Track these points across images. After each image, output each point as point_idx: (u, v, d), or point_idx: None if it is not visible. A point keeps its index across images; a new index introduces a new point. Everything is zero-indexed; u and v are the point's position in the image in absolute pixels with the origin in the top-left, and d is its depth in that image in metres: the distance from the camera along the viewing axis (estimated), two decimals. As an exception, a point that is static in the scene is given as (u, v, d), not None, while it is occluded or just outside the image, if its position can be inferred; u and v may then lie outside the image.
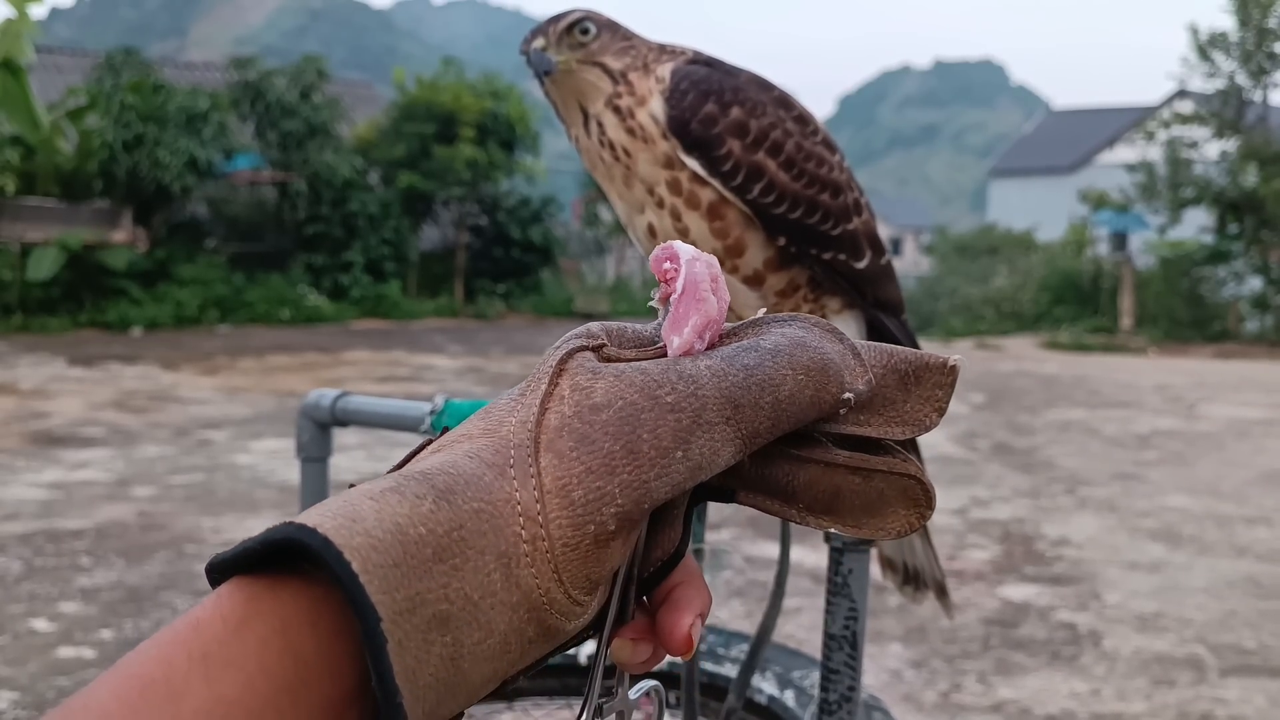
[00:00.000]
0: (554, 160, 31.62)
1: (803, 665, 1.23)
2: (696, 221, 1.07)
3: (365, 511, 0.40)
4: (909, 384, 0.51)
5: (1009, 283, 23.06)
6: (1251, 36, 19.94)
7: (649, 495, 0.44)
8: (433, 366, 12.99)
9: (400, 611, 0.38)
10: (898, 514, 0.51)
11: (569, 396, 0.46)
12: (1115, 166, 24.82)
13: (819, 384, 0.48)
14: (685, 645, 0.48)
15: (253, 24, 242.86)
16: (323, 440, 1.30)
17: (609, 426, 0.44)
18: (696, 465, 0.45)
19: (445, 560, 0.40)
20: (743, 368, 0.47)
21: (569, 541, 0.43)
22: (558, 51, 1.05)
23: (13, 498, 6.14)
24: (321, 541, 0.38)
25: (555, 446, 0.44)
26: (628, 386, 0.45)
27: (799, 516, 0.51)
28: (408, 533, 0.40)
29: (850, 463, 0.50)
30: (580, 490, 0.43)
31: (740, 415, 0.46)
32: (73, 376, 11.51)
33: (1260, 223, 19.38)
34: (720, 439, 0.46)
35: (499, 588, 0.41)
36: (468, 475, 0.43)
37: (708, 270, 0.50)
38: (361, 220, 19.79)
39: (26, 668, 3.71)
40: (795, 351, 0.48)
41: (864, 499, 0.50)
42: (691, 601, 0.49)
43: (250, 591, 0.40)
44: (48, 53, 23.48)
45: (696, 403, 0.45)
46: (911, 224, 66.42)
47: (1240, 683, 3.81)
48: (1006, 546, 5.55)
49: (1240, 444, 8.73)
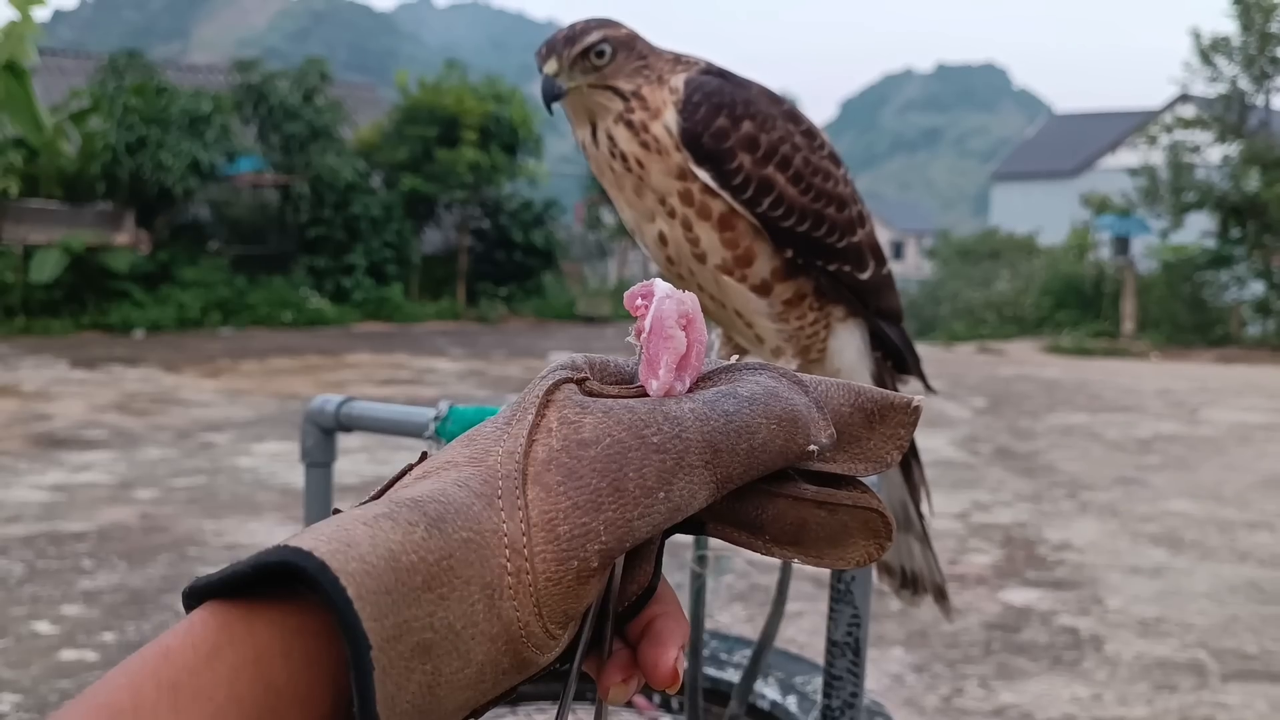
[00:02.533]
0: (556, 163, 31.64)
1: (805, 670, 1.23)
2: (707, 232, 1.08)
3: (359, 537, 0.40)
4: (874, 422, 0.52)
5: (1011, 287, 23.05)
6: (1254, 41, 19.93)
7: (632, 534, 0.45)
8: (434, 369, 12.99)
9: (388, 639, 0.38)
10: (858, 544, 0.52)
11: (557, 430, 0.46)
12: (1117, 170, 24.82)
13: (789, 434, 0.49)
14: (671, 678, 0.49)
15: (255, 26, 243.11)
16: (327, 445, 1.30)
17: (596, 463, 0.45)
18: (676, 506, 0.46)
19: (434, 589, 0.40)
20: (723, 414, 0.48)
21: (552, 576, 0.43)
22: (570, 77, 1.05)
23: (15, 500, 6.14)
24: (318, 566, 0.38)
25: (542, 479, 0.44)
26: (615, 424, 0.46)
27: (764, 548, 0.52)
28: (400, 560, 0.40)
29: (817, 498, 0.51)
30: (566, 525, 0.44)
31: (718, 460, 0.47)
32: (75, 379, 11.52)
33: (1262, 227, 19.37)
34: (698, 482, 0.46)
35: (481, 619, 0.42)
36: (458, 504, 0.43)
37: (677, 308, 0.50)
38: (364, 223, 19.81)
39: (29, 670, 3.71)
40: (770, 401, 0.49)
41: (828, 531, 0.51)
42: (673, 634, 0.50)
43: (223, 619, 0.39)
44: (51, 55, 23.52)
45: (681, 445, 0.46)
46: (913, 228, 66.40)
47: (1242, 688, 3.80)
48: (1008, 551, 5.55)
49: (1242, 449, 8.73)
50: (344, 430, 1.28)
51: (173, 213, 19.12)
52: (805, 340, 1.14)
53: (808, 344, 1.14)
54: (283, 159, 19.56)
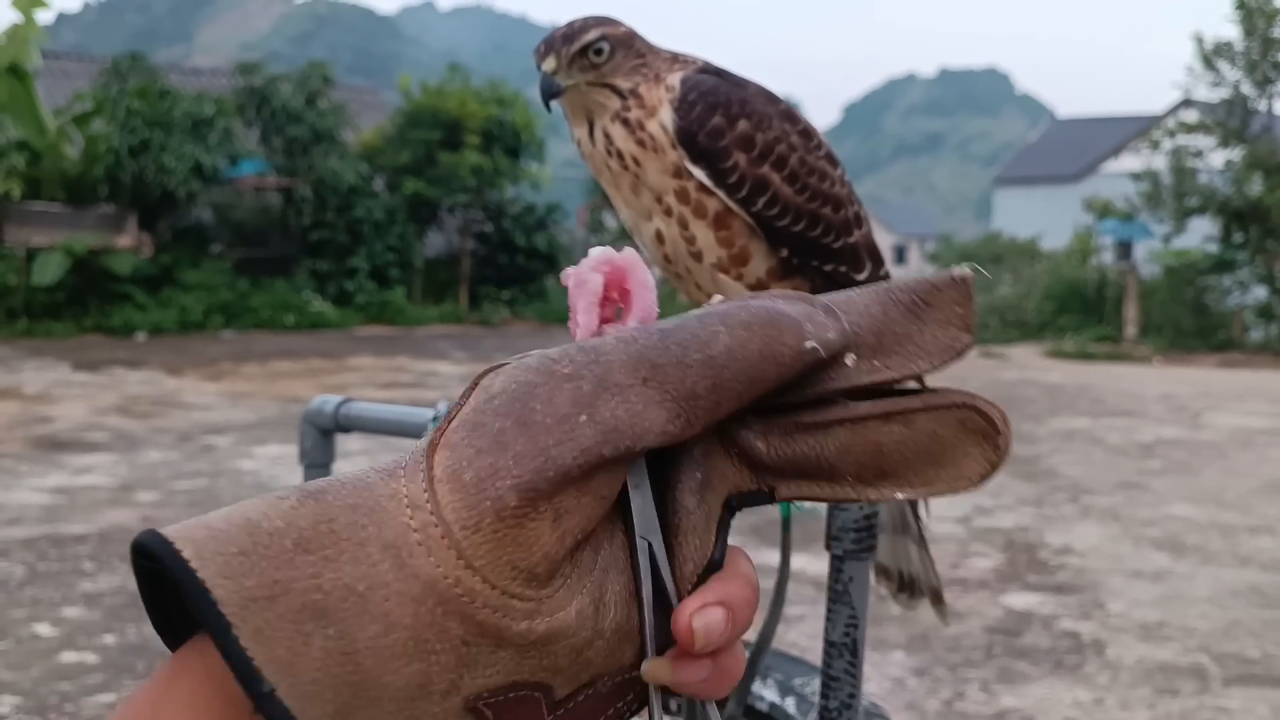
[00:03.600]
0: (559, 167, 31.66)
1: (804, 672, 1.23)
2: (703, 230, 1.08)
3: (216, 514, 0.40)
4: (920, 312, 0.45)
5: (1013, 291, 23.05)
6: (1256, 46, 19.93)
7: (552, 463, 0.41)
8: (437, 373, 13.00)
9: (254, 599, 0.37)
10: (968, 453, 0.45)
11: (472, 399, 0.44)
12: (1120, 175, 24.82)
13: (767, 336, 0.43)
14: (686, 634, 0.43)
15: (259, 30, 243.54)
16: (325, 446, 1.30)
17: (500, 408, 0.42)
18: (610, 428, 0.41)
19: (312, 551, 0.39)
20: (658, 330, 0.44)
21: (466, 523, 0.40)
22: (568, 75, 1.04)
23: (16, 502, 6.15)
24: (153, 536, 0.38)
25: (449, 442, 0.42)
26: (524, 370, 0.44)
27: (855, 492, 0.45)
28: (260, 525, 0.39)
29: (876, 410, 0.44)
30: (470, 471, 0.41)
31: (662, 375, 0.42)
32: (77, 381, 11.53)
33: (1265, 232, 19.36)
34: (640, 400, 0.42)
35: (390, 579, 0.39)
36: (347, 478, 0.42)
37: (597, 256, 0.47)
38: (366, 226, 19.83)
39: (29, 672, 3.71)
40: (731, 310, 0.44)
41: (916, 449, 0.44)
42: (709, 589, 0.44)
43: (181, 655, 0.40)
44: (54, 58, 23.56)
45: (599, 368, 0.42)
46: (916, 232, 66.46)
47: (1243, 692, 3.80)
48: (1010, 555, 5.54)
49: (1244, 453, 8.72)
50: (342, 431, 1.28)
51: (175, 215, 19.15)
52: None
53: None
54: (285, 162, 19.58)
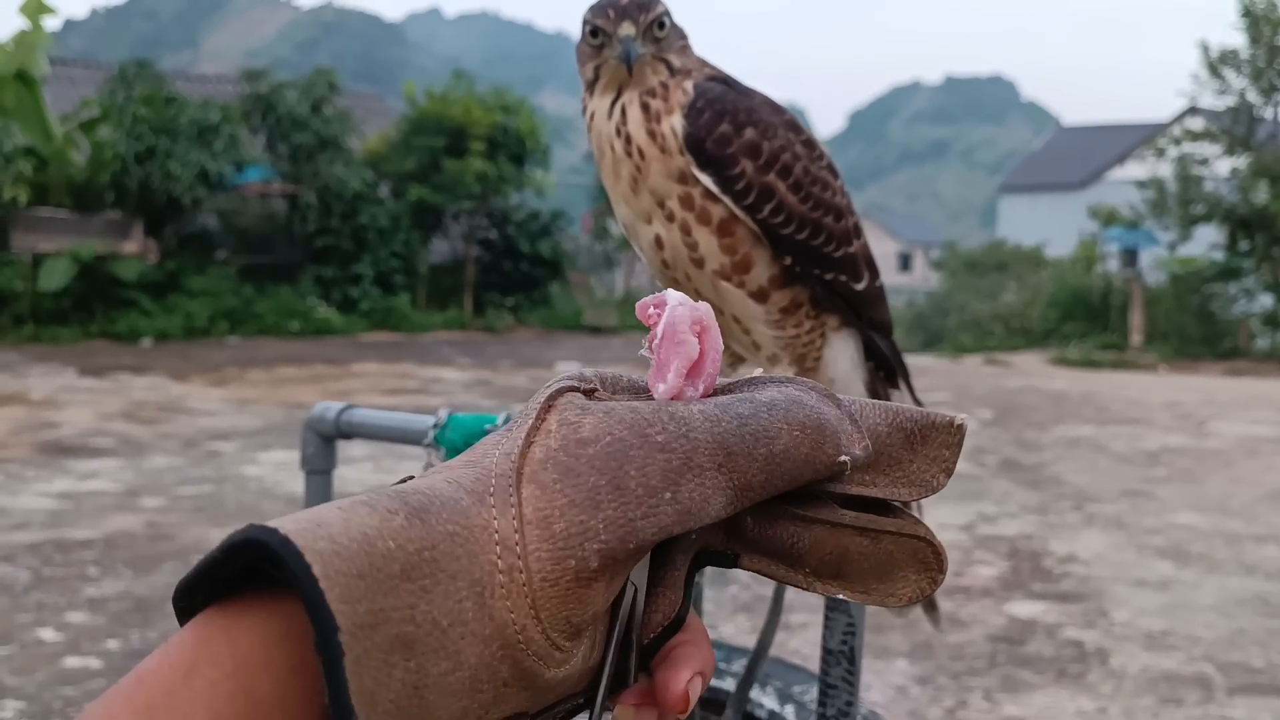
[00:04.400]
0: (564, 174, 31.71)
1: (803, 680, 1.23)
2: (706, 237, 1.08)
3: (331, 518, 0.38)
4: (915, 444, 0.49)
5: (1018, 299, 23.03)
6: (1262, 54, 19.92)
7: (635, 534, 0.42)
8: (441, 379, 13.01)
9: (361, 625, 0.36)
10: (908, 578, 0.49)
11: (556, 431, 0.44)
12: (1125, 183, 24.79)
13: (815, 442, 0.46)
14: (681, 702, 0.46)
15: (265, 37, 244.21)
16: (327, 453, 1.30)
17: (595, 461, 0.43)
18: (685, 510, 0.43)
19: (414, 580, 0.38)
20: (736, 416, 0.46)
21: (548, 576, 0.41)
22: (642, 43, 1.06)
23: (21, 507, 6.16)
24: (281, 541, 0.36)
25: (538, 478, 0.42)
26: (617, 423, 0.44)
27: (805, 582, 0.49)
28: (375, 545, 0.38)
29: (857, 523, 0.48)
30: (562, 523, 0.41)
31: (733, 463, 0.44)
32: (83, 387, 11.56)
33: (1271, 240, 19.33)
34: (711, 486, 0.44)
35: (470, 617, 0.39)
36: (444, 498, 0.41)
37: (690, 314, 0.48)
38: (371, 233, 19.86)
39: (34, 677, 3.72)
40: (791, 408, 0.47)
41: (873, 562, 0.49)
42: (690, 658, 0.47)
43: (204, 633, 0.38)
44: (61, 65, 23.65)
45: (688, 444, 0.44)
46: (921, 239, 66.46)
47: (1248, 702, 3.79)
48: (1014, 563, 5.53)
49: (1250, 462, 8.70)
50: (344, 437, 1.28)
51: (181, 222, 19.19)
52: (801, 349, 1.14)
53: (803, 352, 1.14)
54: (291, 169, 19.62)
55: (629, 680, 0.47)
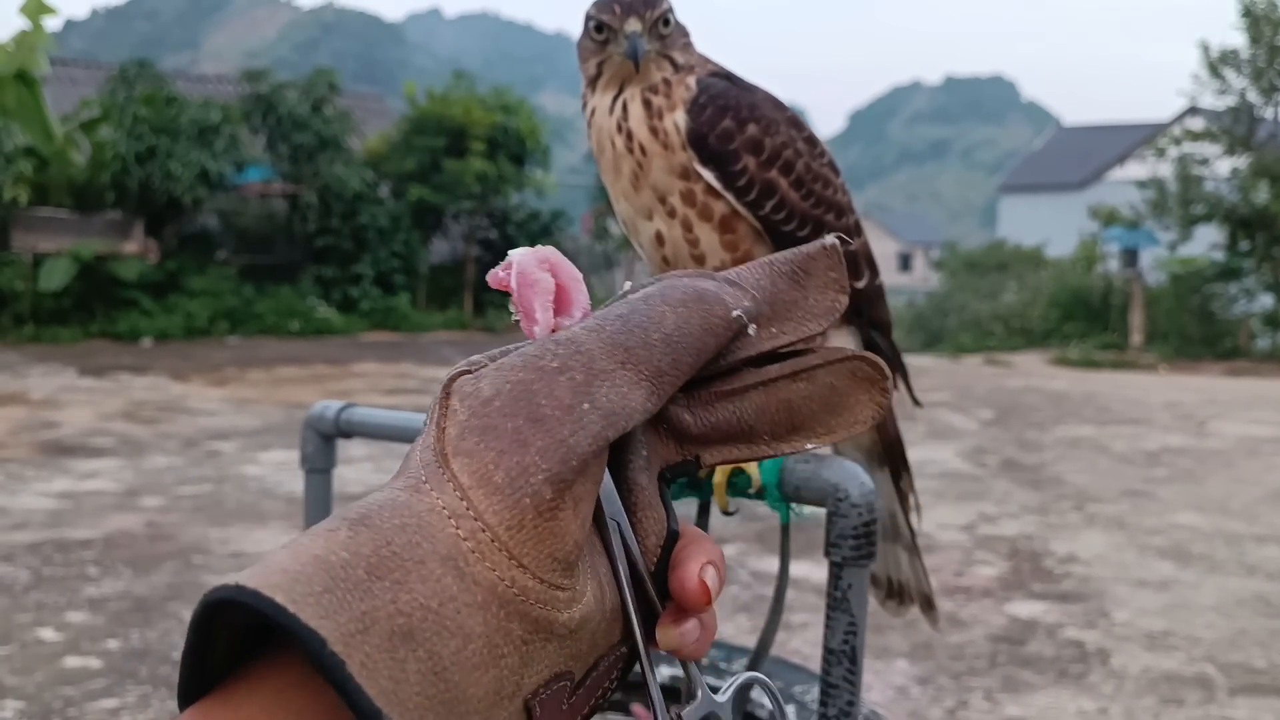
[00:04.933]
0: (564, 174, 31.70)
1: (804, 680, 1.23)
2: (708, 233, 1.08)
3: (276, 557, 0.39)
4: (800, 280, 0.51)
5: (1018, 299, 23.03)
6: (1263, 54, 19.90)
7: (572, 452, 0.43)
8: (441, 379, 12.96)
9: (351, 633, 0.37)
10: (860, 400, 0.51)
11: (460, 406, 0.45)
12: (1126, 183, 24.78)
13: (703, 311, 0.48)
14: (701, 595, 0.47)
15: (265, 37, 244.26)
16: (327, 452, 1.30)
17: (505, 409, 0.44)
18: (609, 411, 0.44)
19: (383, 577, 0.39)
20: (617, 316, 0.48)
21: (509, 523, 0.42)
22: (648, 40, 1.06)
23: (21, 507, 6.16)
24: (234, 589, 0.37)
25: (462, 449, 0.43)
26: (510, 370, 0.46)
27: (771, 448, 0.50)
28: (329, 560, 0.39)
29: (785, 371, 0.50)
30: (500, 473, 0.42)
31: (633, 357, 0.46)
32: (83, 387, 11.56)
33: (1271, 240, 19.32)
34: (624, 383, 0.45)
35: (456, 591, 0.40)
36: (381, 502, 0.42)
37: (535, 256, 0.50)
38: (371, 233, 19.85)
39: (33, 677, 3.71)
40: (667, 292, 0.49)
41: (819, 400, 0.50)
42: (693, 554, 0.48)
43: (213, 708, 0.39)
44: (62, 65, 23.65)
45: (583, 358, 0.45)
46: (921, 239, 66.46)
47: (1249, 702, 3.78)
48: (1014, 563, 5.53)
49: (1251, 462, 8.70)
50: (344, 436, 1.28)
51: (181, 222, 19.18)
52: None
53: None
54: (291, 169, 19.62)
55: (658, 611, 0.47)
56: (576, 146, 51.57)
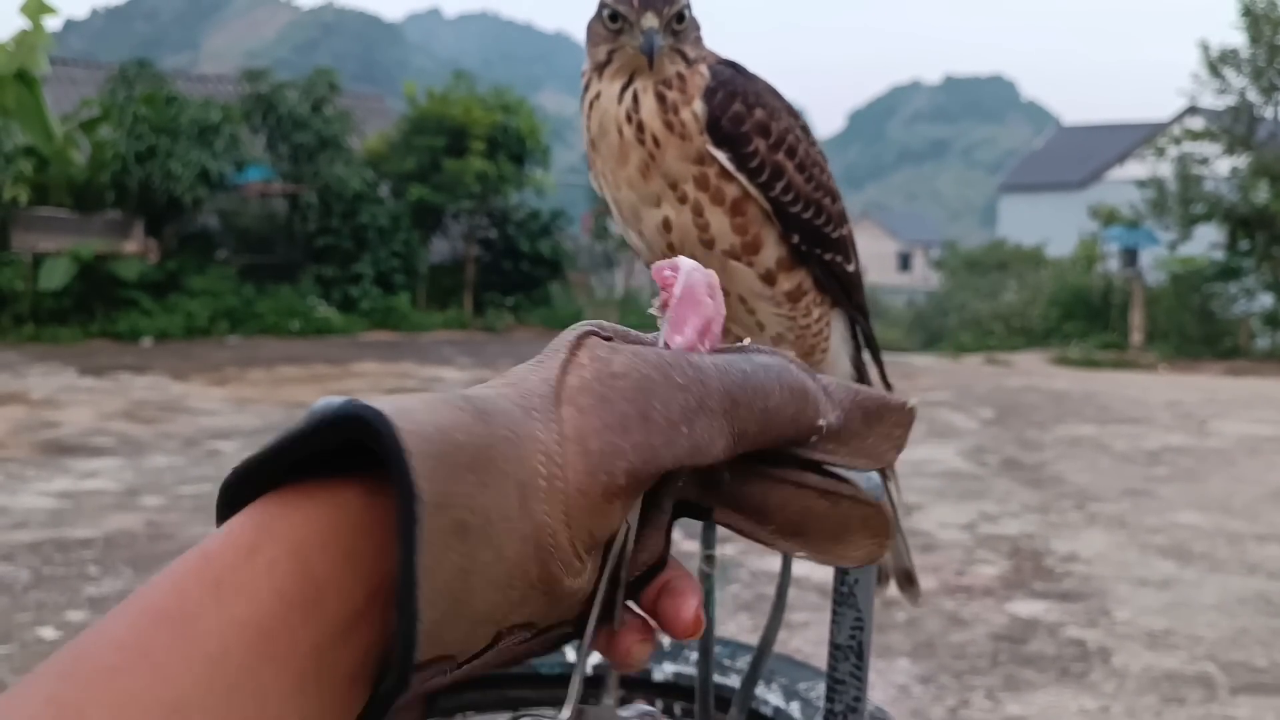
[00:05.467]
0: (564, 174, 31.70)
1: (809, 677, 1.23)
2: (719, 217, 1.09)
3: (415, 407, 0.42)
4: (872, 421, 0.54)
5: (1018, 298, 23.04)
6: (1262, 53, 19.90)
7: (656, 459, 0.46)
8: (441, 379, 13.00)
9: (435, 505, 0.40)
10: (860, 543, 0.54)
11: (588, 364, 0.48)
12: (1126, 182, 24.78)
13: (800, 405, 0.51)
14: (693, 624, 0.50)
15: (265, 37, 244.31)
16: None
17: (626, 392, 0.47)
18: (696, 446, 0.47)
19: (476, 472, 0.42)
20: (741, 371, 0.50)
21: (583, 486, 0.45)
22: (664, 35, 1.06)
23: (22, 506, 6.15)
24: (375, 415, 0.40)
25: (576, 401, 0.47)
26: (644, 362, 0.48)
27: (769, 538, 0.54)
28: (450, 435, 0.42)
29: (821, 485, 0.53)
30: (597, 442, 0.45)
31: (736, 412, 0.49)
32: (83, 386, 11.55)
33: (1271, 239, 19.32)
34: (717, 429, 0.48)
35: (515, 514, 0.43)
36: (500, 405, 0.45)
37: (706, 279, 0.53)
38: (371, 233, 19.85)
39: (33, 676, 3.71)
40: (783, 373, 0.52)
41: (831, 525, 0.53)
42: (690, 588, 0.51)
43: (261, 518, 0.42)
44: (62, 65, 23.63)
45: (703, 389, 0.48)
46: (921, 239, 66.46)
47: (1251, 701, 3.78)
48: (1015, 562, 5.53)
49: (1251, 461, 8.70)
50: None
51: (181, 222, 19.17)
52: (800, 329, 1.15)
53: (801, 332, 1.16)
54: (291, 169, 19.61)
55: (614, 613, 0.50)
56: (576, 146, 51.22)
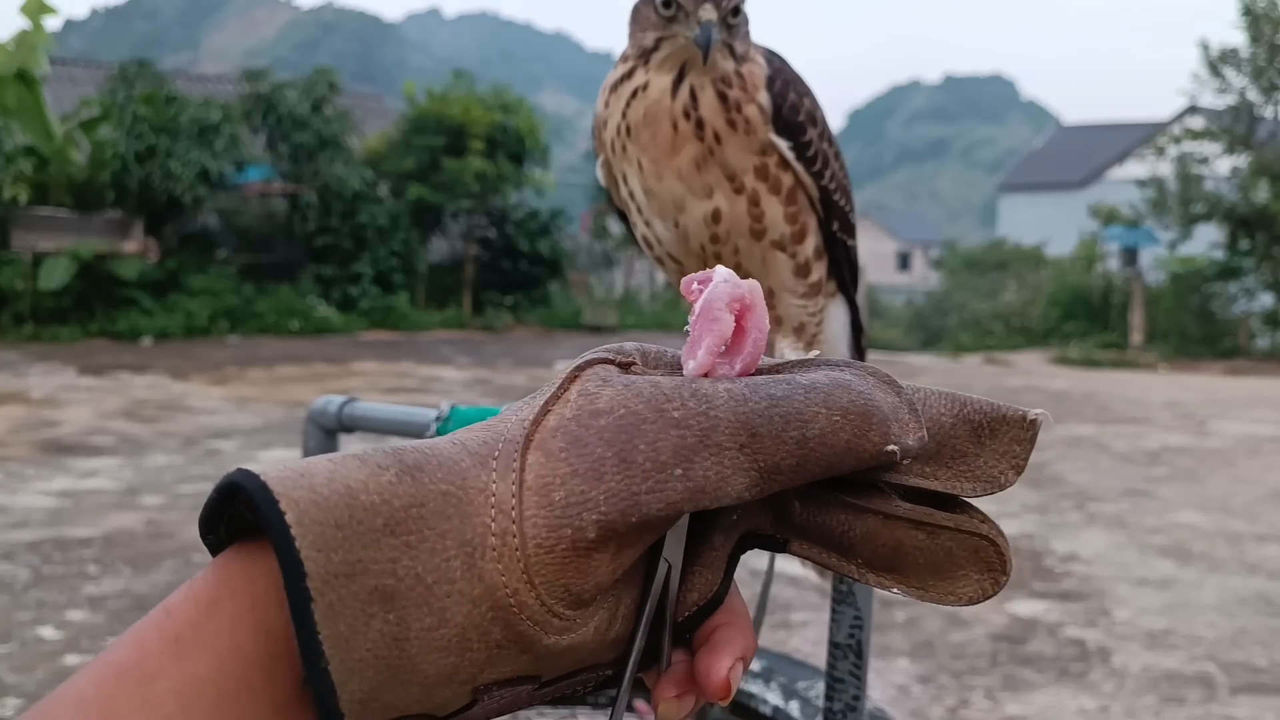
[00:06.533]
0: (563, 173, 31.69)
1: (808, 676, 1.23)
2: (774, 206, 1.08)
3: (318, 469, 0.40)
4: (983, 437, 0.47)
5: (1018, 298, 23.04)
6: (1263, 53, 19.92)
7: (637, 509, 0.41)
8: (440, 378, 13.00)
9: (336, 575, 0.38)
10: (969, 578, 0.47)
11: (574, 400, 0.44)
12: (1126, 182, 24.80)
13: (858, 429, 0.44)
14: (723, 689, 0.46)
15: (265, 37, 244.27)
16: (328, 447, 1.30)
17: (605, 432, 0.42)
18: (698, 488, 0.42)
19: (398, 535, 0.39)
20: (767, 396, 0.44)
21: (543, 542, 0.41)
22: (720, 29, 1.03)
23: (22, 505, 6.15)
24: (259, 487, 0.38)
25: (546, 445, 0.42)
26: (634, 396, 0.43)
27: (858, 573, 0.47)
28: (358, 498, 0.39)
29: (913, 515, 0.46)
30: (562, 492, 0.41)
31: (758, 444, 0.43)
32: (83, 385, 11.55)
33: (1271, 239, 19.34)
34: (731, 465, 0.43)
35: (458, 576, 0.40)
36: (443, 457, 0.42)
37: (731, 292, 0.46)
38: (371, 232, 19.85)
39: (33, 675, 3.71)
40: (835, 391, 0.44)
41: (930, 558, 0.47)
42: (732, 642, 0.47)
43: (223, 572, 0.40)
44: (62, 64, 23.65)
45: (706, 422, 0.43)
46: (920, 239, 66.45)
47: (1251, 701, 3.78)
48: (1015, 562, 5.48)
49: (1251, 461, 8.70)
50: (346, 431, 1.28)
51: (181, 221, 19.18)
52: (807, 316, 1.15)
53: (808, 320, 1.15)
54: (291, 168, 19.62)
55: (661, 656, 0.46)
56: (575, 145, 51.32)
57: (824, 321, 1.18)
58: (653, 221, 1.11)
